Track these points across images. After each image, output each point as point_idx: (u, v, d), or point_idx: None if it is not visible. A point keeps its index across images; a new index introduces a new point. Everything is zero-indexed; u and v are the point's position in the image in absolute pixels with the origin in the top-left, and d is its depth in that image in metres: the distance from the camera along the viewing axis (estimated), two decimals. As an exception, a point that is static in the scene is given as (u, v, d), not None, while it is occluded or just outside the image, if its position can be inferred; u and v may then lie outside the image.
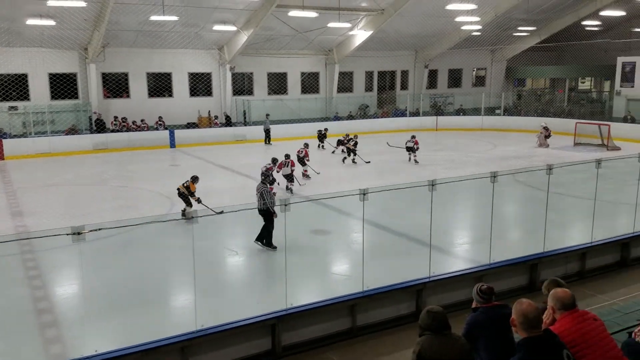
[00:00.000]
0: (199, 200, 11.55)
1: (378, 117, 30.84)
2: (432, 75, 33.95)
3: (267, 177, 10.26)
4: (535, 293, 7.08)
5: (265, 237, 9.71)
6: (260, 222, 9.65)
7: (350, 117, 30.25)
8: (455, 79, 34.91)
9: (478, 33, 29.11)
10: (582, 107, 31.89)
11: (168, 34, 23.87)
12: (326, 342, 6.54)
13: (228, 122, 27.07)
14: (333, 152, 21.93)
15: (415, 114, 30.88)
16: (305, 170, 17.09)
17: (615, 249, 8.79)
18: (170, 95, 26.75)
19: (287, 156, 15.41)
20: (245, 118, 27.55)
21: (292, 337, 6.34)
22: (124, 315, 7.47)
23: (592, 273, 8.49)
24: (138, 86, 25.92)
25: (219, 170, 18.88)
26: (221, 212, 6.78)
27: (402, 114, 31.29)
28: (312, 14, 21.53)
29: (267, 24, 23.75)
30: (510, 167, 16.82)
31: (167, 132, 24.35)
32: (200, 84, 27.36)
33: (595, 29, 30.66)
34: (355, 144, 19.89)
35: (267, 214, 9.57)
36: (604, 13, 24.79)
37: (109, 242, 9.45)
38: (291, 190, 15.04)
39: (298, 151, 17.26)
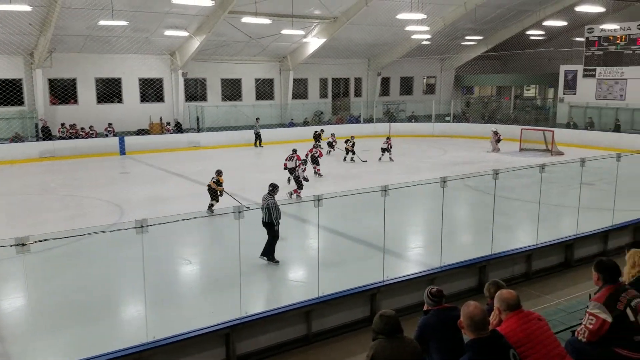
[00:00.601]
0: (221, 193, 12.85)
1: (333, 124, 31.09)
2: (385, 83, 34.56)
3: (274, 189, 9.75)
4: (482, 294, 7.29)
5: (270, 252, 9.38)
6: (206, 233, 9.55)
7: (306, 123, 30.37)
8: (407, 86, 35.64)
9: (428, 42, 29.84)
10: (527, 114, 33.18)
11: (118, 39, 23.32)
12: (282, 350, 6.52)
13: (178, 129, 26.62)
14: (328, 152, 22.53)
15: (369, 120, 31.31)
16: (318, 169, 18.18)
17: (559, 251, 9.12)
18: (120, 102, 26.10)
19: (294, 151, 16.42)
20: (198, 124, 27.20)
21: (247, 346, 6.29)
22: (72, 328, 7.21)
23: (537, 274, 8.79)
24: (86, 92, 25.17)
25: (172, 177, 18.55)
26: (247, 209, 6.51)
27: (356, 120, 31.66)
28: (266, 21, 21.52)
29: (219, 29, 23.58)
30: (460, 172, 17.27)
31: (116, 139, 23.70)
32: (151, 90, 26.83)
33: (539, 38, 31.97)
34: (353, 144, 21.26)
35: (272, 227, 9.34)
36: (546, 23, 25.87)
37: (56, 253, 9.13)
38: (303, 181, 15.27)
39: (311, 150, 18.41)
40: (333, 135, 23.33)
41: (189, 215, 6.19)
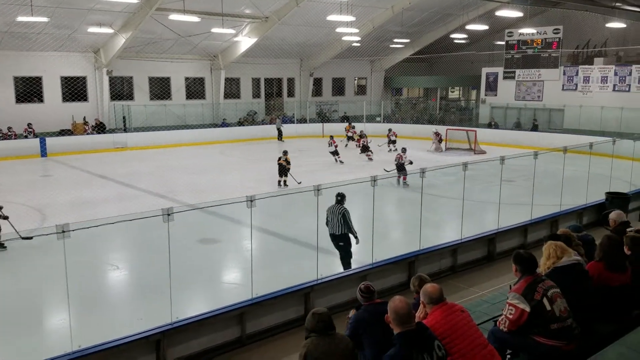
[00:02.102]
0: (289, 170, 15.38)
1: (266, 124, 31.02)
2: (318, 84, 34.84)
3: (343, 198, 8.78)
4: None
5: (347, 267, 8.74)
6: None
7: (239, 123, 30.10)
8: (339, 87, 36.12)
9: (358, 44, 30.38)
10: (453, 115, 34.57)
11: (38, 36, 22.10)
12: (215, 354, 6.43)
13: (100, 129, 25.55)
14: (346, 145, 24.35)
15: (303, 120, 31.47)
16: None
17: (482, 245, 9.55)
18: (41, 101, 24.72)
19: (331, 137, 20.69)
20: (125, 124, 26.25)
21: (178, 352, 6.16)
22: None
23: (463, 267, 9.16)
24: (4, 91, 23.66)
25: (97, 180, 17.80)
26: (300, 182, 6.12)
27: (290, 120, 31.73)
28: (194, 19, 21.11)
29: (146, 27, 22.88)
30: (390, 171, 17.71)
31: (37, 140, 22.47)
32: (74, 89, 25.60)
33: (463, 41, 33.30)
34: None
35: (346, 239, 8.69)
36: (469, 27, 26.98)
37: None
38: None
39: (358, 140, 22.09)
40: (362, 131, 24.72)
41: (114, 219, 5.96)
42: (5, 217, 9.88)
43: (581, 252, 5.26)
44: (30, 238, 5.71)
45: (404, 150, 17.51)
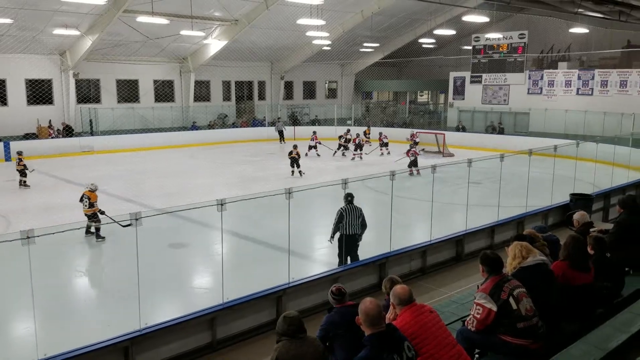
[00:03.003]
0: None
1: (237, 127, 30.87)
2: (289, 87, 34.85)
3: (353, 197, 8.75)
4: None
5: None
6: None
7: (210, 126, 29.87)
8: (309, 90, 36.20)
9: (328, 48, 30.53)
10: (422, 118, 35.03)
11: (1, 38, 21.50)
12: (185, 359, 6.37)
13: (69, 132, 24.99)
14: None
15: (272, 124, 31.41)
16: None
17: (451, 246, 9.69)
18: (5, 104, 24.06)
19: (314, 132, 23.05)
20: (92, 127, 25.74)
21: (148, 358, 6.06)
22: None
23: (432, 268, 9.27)
24: (-34, 94, 22.99)
25: (64, 184, 17.40)
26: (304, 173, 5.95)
27: (261, 123, 31.66)
28: (163, 21, 20.87)
29: (114, 29, 22.51)
30: (361, 174, 17.81)
31: (1, 144, 21.83)
32: (39, 92, 24.97)
33: (431, 46, 33.83)
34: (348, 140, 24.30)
35: (356, 242, 8.68)
36: (437, 32, 27.42)
37: None
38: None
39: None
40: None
41: (81, 224, 5.85)
42: (102, 212, 10.72)
43: (546, 252, 5.40)
44: (129, 225, 5.68)
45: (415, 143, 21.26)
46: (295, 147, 19.19)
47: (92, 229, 10.88)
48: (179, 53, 28.05)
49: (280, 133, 29.12)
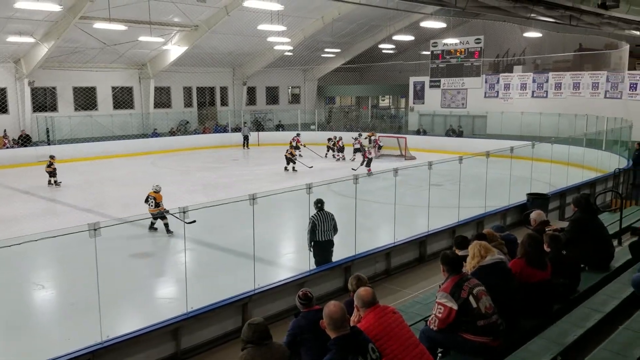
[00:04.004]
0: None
1: (200, 133, 30.54)
2: (251, 92, 34.72)
3: (323, 203, 8.75)
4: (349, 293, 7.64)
5: None
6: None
7: (172, 133, 29.45)
8: (272, 96, 36.15)
9: (290, 53, 30.59)
10: (384, 122, 35.44)
11: (-50, 46, 20.74)
12: (149, 371, 6.27)
13: (26, 141, 24.19)
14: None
15: (237, 129, 31.22)
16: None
17: (414, 247, 9.82)
18: (-45, 114, 23.18)
19: (298, 133, 23.87)
20: (48, 136, 25.00)
21: (110, 371, 5.95)
22: None
23: (396, 270, 9.38)
24: None
25: (20, 195, 16.85)
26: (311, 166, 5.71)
27: (224, 129, 31.41)
28: (121, 27, 20.51)
29: (70, 35, 21.97)
30: (326, 178, 17.90)
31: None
32: (-8, 101, 24.15)
33: (391, 51, 34.30)
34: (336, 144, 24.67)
35: (331, 248, 8.69)
36: (396, 37, 27.82)
37: None
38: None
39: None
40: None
41: (38, 235, 5.67)
42: (167, 211, 11.00)
43: (504, 250, 5.55)
44: (194, 222, 5.53)
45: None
46: (291, 147, 22.14)
47: (156, 225, 11.96)
48: (137, 59, 27.58)
49: (246, 138, 29.12)
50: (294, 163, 21.34)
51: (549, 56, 28.01)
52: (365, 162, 20.79)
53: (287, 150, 21.74)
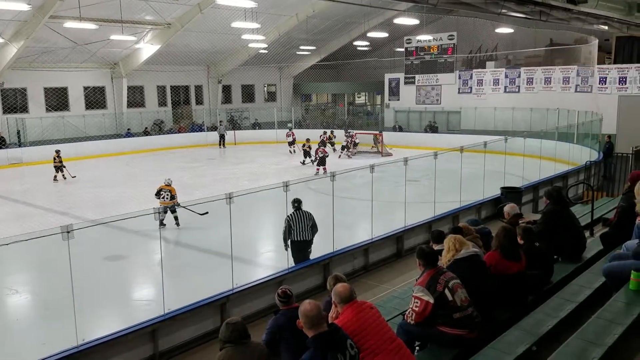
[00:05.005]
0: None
1: (175, 133, 30.21)
2: (227, 91, 34.45)
3: (301, 203, 8.66)
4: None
5: None
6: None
7: (146, 133, 29.07)
8: (248, 94, 35.93)
9: (265, 51, 30.44)
10: (360, 119, 35.59)
11: None
12: (127, 374, 6.19)
13: (1, 144, 23.63)
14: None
15: (213, 128, 30.98)
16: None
17: (391, 243, 9.90)
18: None
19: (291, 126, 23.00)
20: (19, 138, 24.45)
21: (87, 375, 5.86)
22: None
23: (374, 266, 9.44)
24: None
25: (-11, 199, 16.45)
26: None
27: (200, 128, 31.13)
28: (91, 26, 20.17)
29: (40, 35, 21.50)
30: (303, 176, 17.92)
31: None
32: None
33: (365, 48, 34.41)
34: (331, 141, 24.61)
35: (310, 245, 8.65)
36: (371, 34, 27.94)
37: None
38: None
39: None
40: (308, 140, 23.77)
41: (10, 239, 5.55)
42: (178, 204, 11.77)
43: (479, 244, 5.63)
44: (207, 213, 5.44)
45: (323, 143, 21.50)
46: (307, 140, 22.17)
47: (165, 222, 11.77)
48: (109, 58, 27.14)
49: (222, 137, 28.93)
50: (310, 156, 21.61)
51: (521, 52, 28.43)
52: (316, 161, 20.44)
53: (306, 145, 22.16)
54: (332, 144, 25.40)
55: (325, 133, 25.11)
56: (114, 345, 6.08)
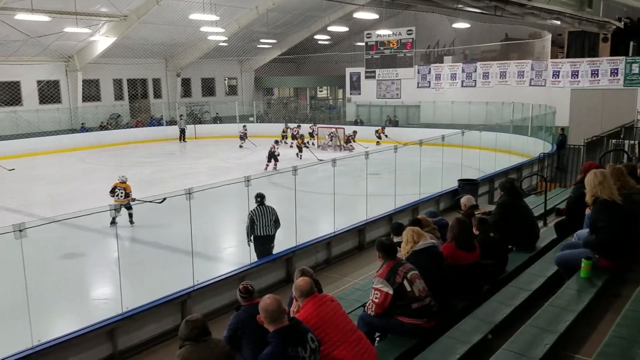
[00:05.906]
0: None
1: (132, 127, 29.54)
2: (186, 84, 33.86)
3: (264, 197, 8.74)
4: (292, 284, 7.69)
5: None
6: None
7: (102, 127, 28.31)
8: (209, 87, 35.41)
9: (225, 44, 30.06)
10: (322, 113, 35.64)
11: None
12: (85, 374, 6.07)
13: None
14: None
15: (172, 122, 30.44)
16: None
17: (353, 236, 10.02)
18: None
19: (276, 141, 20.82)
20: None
21: (43, 377, 5.71)
22: None
23: (337, 259, 9.53)
24: None
25: None
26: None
27: (158, 122, 30.53)
28: (44, 18, 19.45)
29: (-11, 27, 20.63)
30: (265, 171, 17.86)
31: None
32: None
33: (326, 42, 34.47)
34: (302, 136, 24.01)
35: (273, 240, 8.72)
36: (331, 28, 27.97)
37: None
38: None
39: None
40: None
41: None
42: (133, 199, 11.51)
43: (437, 235, 5.76)
44: (164, 199, 5.16)
45: (276, 142, 20.71)
46: (301, 137, 23.01)
47: (117, 220, 10.78)
48: (64, 51, 26.26)
49: (182, 131, 28.61)
50: (301, 152, 22.20)
51: (477, 46, 29.01)
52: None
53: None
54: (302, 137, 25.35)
55: (299, 126, 25.37)
56: (71, 346, 5.96)
